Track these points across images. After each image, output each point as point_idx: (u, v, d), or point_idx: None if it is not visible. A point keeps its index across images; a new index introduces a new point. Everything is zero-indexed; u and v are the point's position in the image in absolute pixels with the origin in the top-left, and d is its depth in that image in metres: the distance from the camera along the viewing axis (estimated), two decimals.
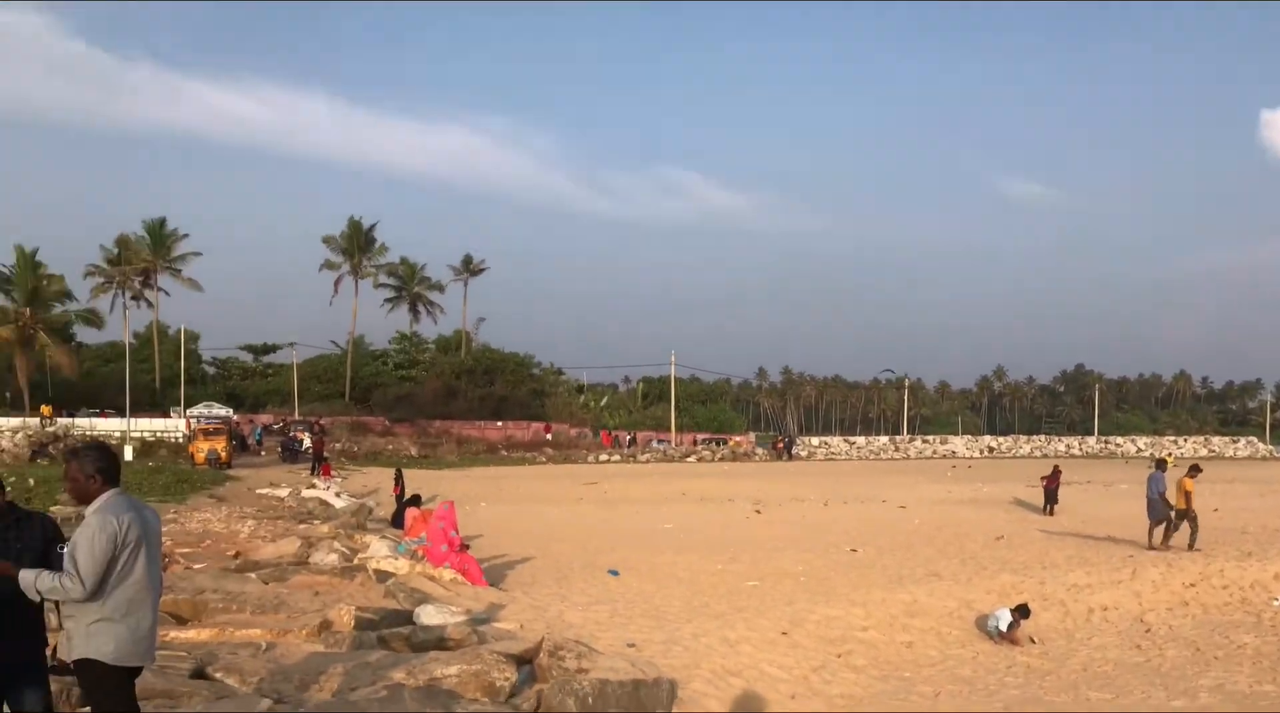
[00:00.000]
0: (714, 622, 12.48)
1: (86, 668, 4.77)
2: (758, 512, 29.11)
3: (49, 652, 5.27)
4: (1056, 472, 29.60)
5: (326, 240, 79.97)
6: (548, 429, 71.71)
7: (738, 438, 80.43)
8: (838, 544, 21.22)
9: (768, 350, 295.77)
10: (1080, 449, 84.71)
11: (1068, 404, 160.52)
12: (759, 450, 74.88)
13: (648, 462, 63.10)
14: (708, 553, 19.71)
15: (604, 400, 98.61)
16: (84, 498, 4.88)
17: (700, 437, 79.96)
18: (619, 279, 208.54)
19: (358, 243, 79.46)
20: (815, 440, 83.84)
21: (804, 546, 21.07)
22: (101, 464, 4.89)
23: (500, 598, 13.79)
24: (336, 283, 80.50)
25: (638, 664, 9.49)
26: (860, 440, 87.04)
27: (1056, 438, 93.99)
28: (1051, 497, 28.65)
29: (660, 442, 75.16)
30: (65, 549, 4.78)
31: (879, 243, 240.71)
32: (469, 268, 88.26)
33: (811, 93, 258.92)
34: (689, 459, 65.88)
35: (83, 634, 4.75)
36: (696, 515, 28.40)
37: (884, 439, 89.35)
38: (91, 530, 4.70)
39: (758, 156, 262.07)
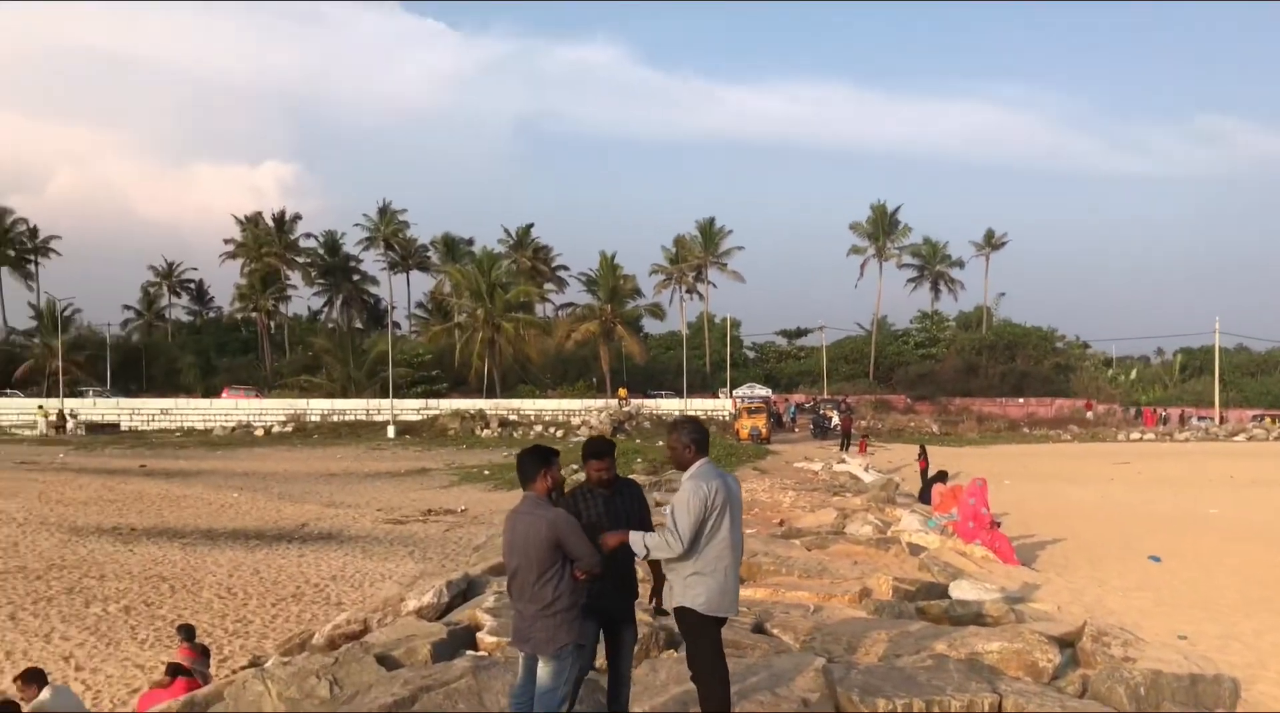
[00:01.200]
0: None
1: (684, 615, 5.29)
2: None
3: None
4: None
5: (853, 226, 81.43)
6: (1089, 406, 66.89)
7: None
8: None
9: None
10: None
11: None
12: None
13: (1186, 441, 56.60)
14: (1266, 542, 17.27)
15: (1133, 374, 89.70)
16: (681, 465, 5.41)
17: (1251, 413, 70.00)
18: (1150, 241, 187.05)
19: (882, 226, 79.95)
20: None
21: None
22: (695, 436, 5.38)
23: (1033, 578, 13.18)
24: (862, 266, 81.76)
25: (1190, 658, 8.59)
26: None
27: None
28: None
29: (1201, 419, 67.03)
30: (666, 510, 5.33)
31: None
32: (990, 242, 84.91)
33: None
34: (1237, 438, 58.08)
35: (681, 586, 5.27)
36: (1249, 500, 24.96)
37: None
38: (686, 495, 5.19)
39: None
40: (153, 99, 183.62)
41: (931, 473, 25.06)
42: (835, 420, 52.12)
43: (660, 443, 45.67)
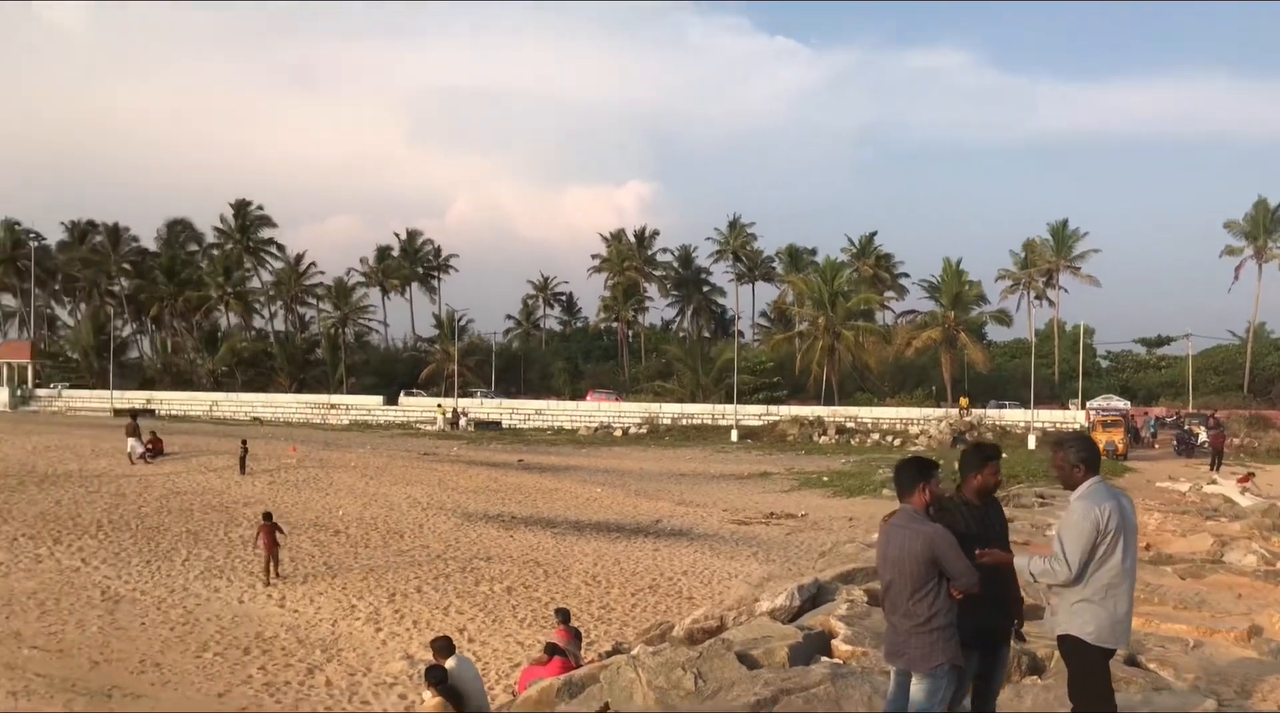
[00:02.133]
0: None
1: (1068, 643, 4.86)
2: None
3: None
4: None
5: (1228, 225, 72.28)
6: None
7: None
8: None
9: None
10: None
11: None
12: None
13: None
14: None
15: None
16: (1069, 484, 4.95)
17: None
18: None
19: (1263, 224, 70.27)
20: None
21: None
22: (1084, 454, 4.90)
23: None
24: (1237, 269, 72.31)
25: None
26: None
27: None
28: None
29: None
30: (1052, 533, 4.92)
31: None
32: None
33: None
34: None
35: (1066, 612, 4.84)
36: None
37: None
38: (1076, 517, 4.75)
39: None
40: (534, 128, 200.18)
41: None
42: (1203, 437, 46.66)
43: (1005, 455, 43.05)
